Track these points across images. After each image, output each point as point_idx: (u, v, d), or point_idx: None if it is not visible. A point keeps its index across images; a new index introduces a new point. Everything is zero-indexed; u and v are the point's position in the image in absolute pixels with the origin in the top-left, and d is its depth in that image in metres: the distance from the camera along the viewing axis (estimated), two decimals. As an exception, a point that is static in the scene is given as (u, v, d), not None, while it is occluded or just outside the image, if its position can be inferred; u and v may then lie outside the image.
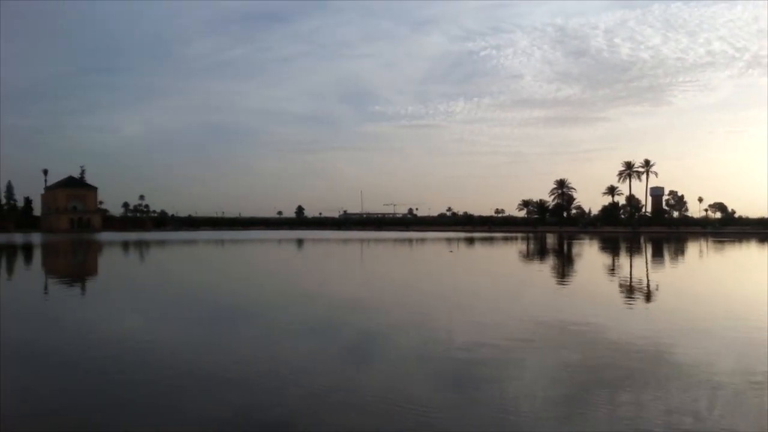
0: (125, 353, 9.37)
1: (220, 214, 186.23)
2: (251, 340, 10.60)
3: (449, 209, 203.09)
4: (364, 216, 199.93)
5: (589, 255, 41.90)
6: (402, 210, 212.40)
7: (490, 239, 74.90)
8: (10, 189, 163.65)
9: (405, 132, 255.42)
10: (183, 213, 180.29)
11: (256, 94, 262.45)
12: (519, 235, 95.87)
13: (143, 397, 7.03)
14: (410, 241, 69.77)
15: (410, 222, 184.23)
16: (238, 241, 69.46)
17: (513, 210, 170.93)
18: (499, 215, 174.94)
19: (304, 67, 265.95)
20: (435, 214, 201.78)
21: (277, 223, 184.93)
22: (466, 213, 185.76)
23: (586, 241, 65.51)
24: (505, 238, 77.39)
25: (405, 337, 10.72)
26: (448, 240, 70.67)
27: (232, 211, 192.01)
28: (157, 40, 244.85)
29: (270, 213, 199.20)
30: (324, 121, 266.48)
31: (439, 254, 42.88)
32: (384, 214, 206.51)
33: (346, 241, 70.41)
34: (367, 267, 32.42)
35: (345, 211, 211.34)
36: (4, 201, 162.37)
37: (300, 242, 66.70)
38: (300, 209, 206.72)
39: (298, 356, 9.24)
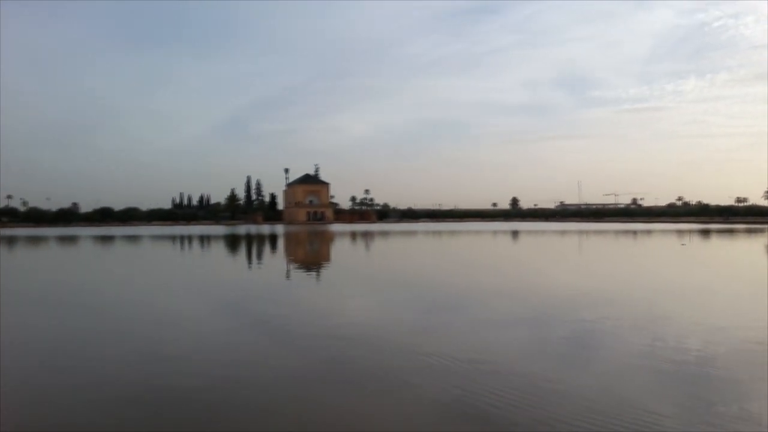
0: (352, 335, 10.43)
1: (437, 207, 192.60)
2: (464, 330, 10.94)
3: (680, 198, 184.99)
4: (583, 207, 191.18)
5: None
6: (624, 200, 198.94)
7: (730, 231, 66.72)
8: (259, 186, 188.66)
9: (627, 116, 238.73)
10: (403, 205, 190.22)
11: (471, 88, 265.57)
12: (767, 227, 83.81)
13: (368, 377, 7.81)
14: (634, 232, 65.22)
15: (634, 213, 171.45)
16: (455, 233, 71.30)
17: (758, 198, 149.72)
18: (741, 204, 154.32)
19: (518, 56, 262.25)
20: (663, 204, 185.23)
21: (492, 214, 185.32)
22: (699, 202, 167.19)
23: None
24: (749, 231, 68.19)
25: (626, 335, 10.25)
26: (679, 232, 64.60)
27: (448, 203, 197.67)
28: (376, 43, 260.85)
29: (485, 205, 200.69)
30: (539, 110, 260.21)
31: (668, 247, 39.58)
32: (604, 204, 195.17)
33: (563, 232, 68.17)
34: (585, 259, 31.23)
35: (562, 202, 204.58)
36: (254, 197, 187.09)
37: (515, 234, 66.29)
38: (515, 201, 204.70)
39: (512, 348, 9.37)
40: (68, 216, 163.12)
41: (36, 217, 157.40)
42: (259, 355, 9.16)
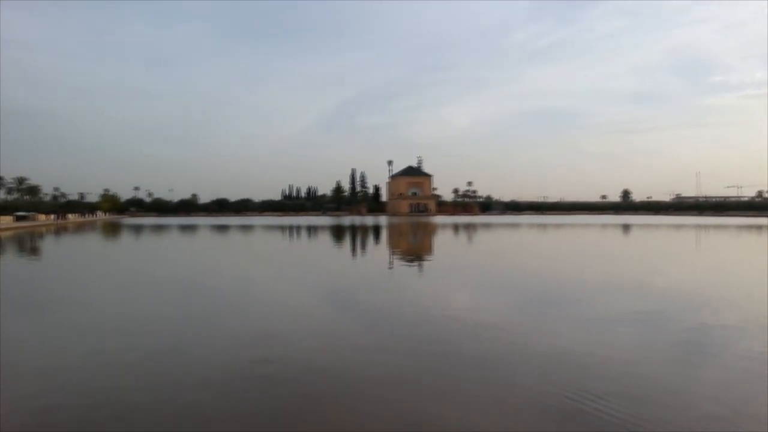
0: (454, 328, 10.62)
1: (541, 199, 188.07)
2: (569, 326, 10.81)
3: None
4: (701, 200, 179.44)
5: None
6: (749, 193, 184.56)
7: None
8: (363, 178, 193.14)
9: (752, 102, 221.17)
10: (506, 198, 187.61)
11: (579, 76, 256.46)
12: None
13: (468, 368, 8.01)
14: (759, 228, 60.62)
15: (760, 207, 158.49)
16: (560, 226, 69.54)
17: None
18: None
19: (629, 42, 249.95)
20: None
21: (601, 207, 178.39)
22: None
23: None
24: None
25: (742, 338, 9.77)
26: (814, 228, 59.28)
27: (553, 196, 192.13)
28: (480, 34, 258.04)
29: (593, 197, 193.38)
30: (653, 98, 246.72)
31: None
32: (726, 197, 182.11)
33: (678, 227, 64.61)
34: (700, 256, 29.44)
35: (678, 195, 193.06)
36: (359, 189, 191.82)
37: (625, 227, 63.68)
38: (626, 193, 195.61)
39: (621, 347, 9.20)
40: (188, 206, 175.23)
41: (160, 207, 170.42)
42: (360, 342, 9.56)
